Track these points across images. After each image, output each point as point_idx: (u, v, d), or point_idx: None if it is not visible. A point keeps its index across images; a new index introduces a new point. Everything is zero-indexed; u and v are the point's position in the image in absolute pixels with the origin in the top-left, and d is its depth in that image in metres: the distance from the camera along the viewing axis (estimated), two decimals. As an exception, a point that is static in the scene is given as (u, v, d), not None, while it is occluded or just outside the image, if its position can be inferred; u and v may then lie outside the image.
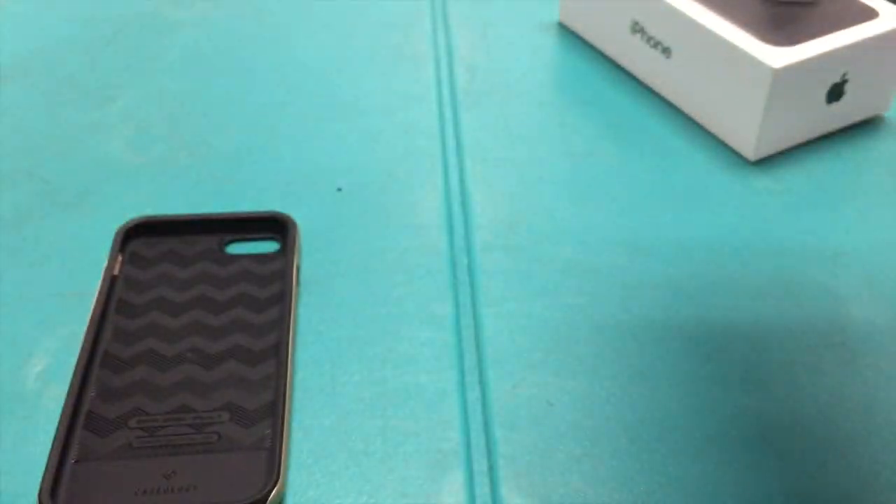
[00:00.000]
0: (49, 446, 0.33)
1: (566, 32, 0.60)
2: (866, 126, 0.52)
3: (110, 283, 0.40)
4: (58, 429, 0.34)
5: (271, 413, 0.35)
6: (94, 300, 0.39)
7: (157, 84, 0.56)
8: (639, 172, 0.48)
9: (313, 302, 0.41)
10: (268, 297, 0.40)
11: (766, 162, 0.49)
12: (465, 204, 0.47)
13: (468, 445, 0.35)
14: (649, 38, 0.52)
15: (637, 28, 0.53)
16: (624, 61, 0.56)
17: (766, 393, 0.37)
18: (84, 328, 0.38)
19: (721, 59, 0.47)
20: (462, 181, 0.48)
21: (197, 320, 0.39)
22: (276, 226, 0.43)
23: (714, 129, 0.51)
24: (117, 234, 0.42)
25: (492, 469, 0.34)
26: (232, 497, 0.32)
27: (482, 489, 0.34)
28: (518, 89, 0.55)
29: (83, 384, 0.36)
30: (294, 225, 0.43)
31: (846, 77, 0.47)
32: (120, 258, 0.41)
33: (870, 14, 0.48)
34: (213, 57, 0.58)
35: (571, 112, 0.53)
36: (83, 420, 0.34)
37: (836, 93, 0.48)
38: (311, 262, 0.43)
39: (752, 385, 0.37)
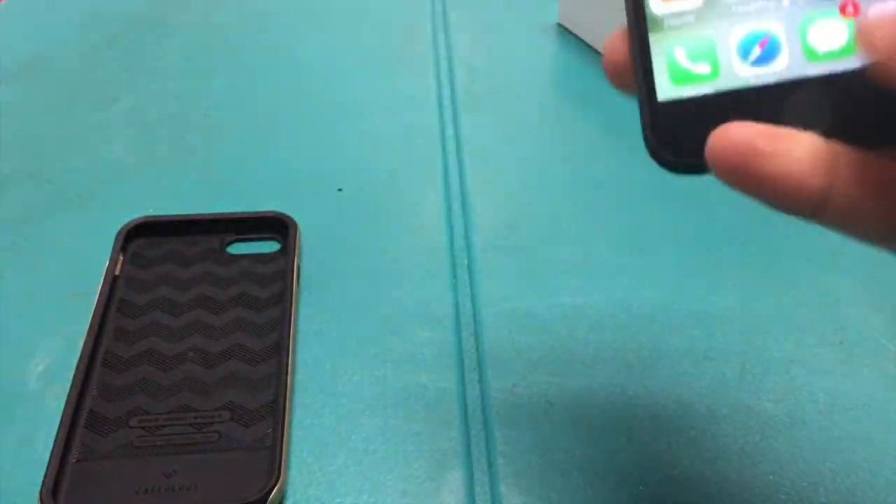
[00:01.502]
0: (51, 445, 0.33)
1: (565, 34, 0.61)
2: (865, 127, 0.52)
3: (112, 283, 0.40)
4: (59, 428, 0.34)
5: (272, 412, 0.35)
6: (95, 300, 0.39)
7: (159, 85, 0.56)
8: (638, 173, 0.48)
9: (313, 302, 0.41)
10: (268, 297, 0.40)
11: (765, 162, 0.49)
12: (465, 204, 0.47)
13: (468, 444, 0.35)
14: (649, 39, 0.52)
15: (636, 29, 0.53)
16: (623, 62, 0.56)
17: (765, 392, 0.37)
18: (85, 328, 0.38)
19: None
20: (462, 181, 0.48)
21: (198, 320, 0.39)
22: (277, 226, 0.43)
23: (713, 130, 0.50)
24: (118, 234, 0.42)
25: (491, 468, 0.34)
26: (233, 496, 0.32)
27: (482, 488, 0.34)
28: (518, 90, 0.55)
29: (84, 384, 0.36)
30: (295, 225, 0.43)
31: (845, 78, 0.47)
32: (121, 258, 0.42)
33: (869, 15, 0.48)
34: (213, 58, 0.58)
35: (571, 112, 0.53)
36: (84, 419, 0.35)
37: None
38: (311, 262, 0.43)
39: (750, 384, 0.37)
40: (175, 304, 0.40)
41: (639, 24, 0.24)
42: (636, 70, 0.24)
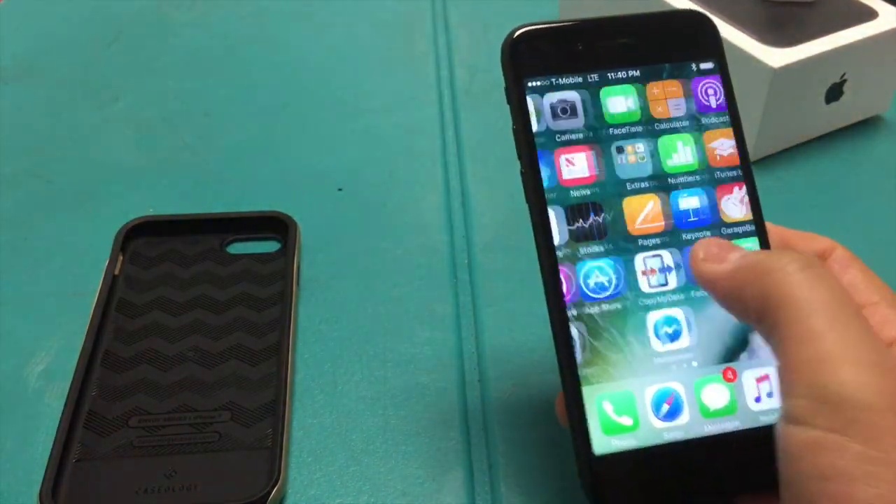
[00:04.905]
0: (50, 445, 0.33)
1: (566, 33, 0.60)
2: (865, 126, 0.52)
3: (111, 282, 0.40)
4: (59, 428, 0.34)
5: (272, 412, 0.35)
6: (95, 300, 0.39)
7: (159, 84, 0.56)
8: (638, 172, 0.48)
9: (313, 302, 0.41)
10: (268, 297, 0.40)
11: (765, 162, 0.49)
12: (465, 204, 0.47)
13: (468, 444, 0.35)
14: (649, 39, 0.52)
15: (637, 28, 0.53)
16: (624, 62, 0.56)
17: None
18: (85, 328, 0.38)
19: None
20: (462, 181, 0.48)
21: (198, 320, 0.39)
22: (277, 225, 0.43)
23: (714, 130, 0.51)
24: (118, 233, 0.42)
25: (492, 468, 0.34)
26: (232, 496, 0.32)
27: (482, 488, 0.34)
28: (518, 90, 0.55)
29: (84, 383, 0.36)
30: (295, 225, 0.43)
31: (845, 77, 0.48)
32: (121, 258, 0.42)
33: (869, 14, 0.48)
34: (214, 57, 0.58)
35: (571, 112, 0.53)
36: (84, 419, 0.35)
37: (835, 93, 0.48)
38: (311, 262, 0.43)
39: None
40: (175, 303, 0.40)
41: (573, 381, 0.28)
42: (572, 424, 0.28)
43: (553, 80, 0.29)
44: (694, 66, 0.30)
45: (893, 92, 0.51)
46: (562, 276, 0.28)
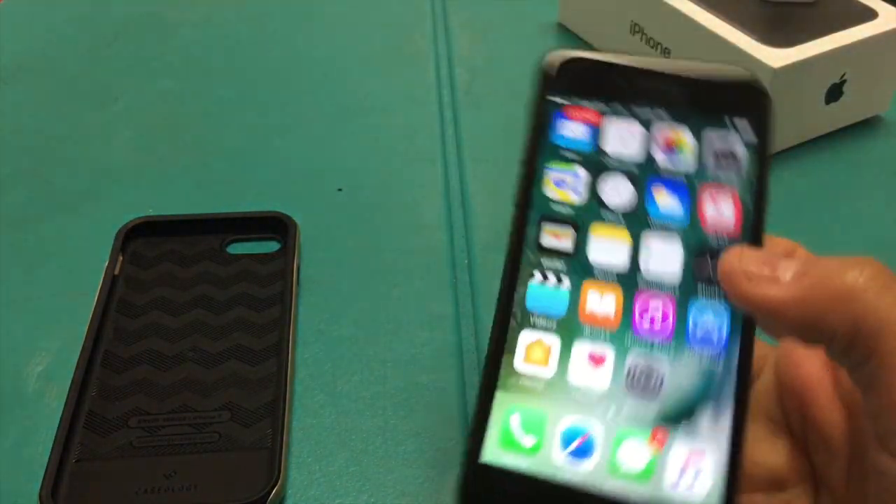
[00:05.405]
0: (50, 445, 0.33)
1: (566, 33, 0.61)
2: (865, 126, 0.52)
3: (111, 282, 0.40)
4: (59, 428, 0.34)
5: (271, 412, 0.35)
6: (95, 300, 0.39)
7: (159, 85, 0.56)
8: (638, 173, 0.48)
9: (313, 302, 0.41)
10: (268, 297, 0.40)
11: (765, 162, 0.49)
12: (465, 204, 0.47)
13: (468, 445, 0.35)
14: (649, 39, 0.52)
15: (636, 29, 0.53)
16: (623, 62, 0.56)
17: (766, 392, 0.37)
18: (85, 328, 0.38)
19: (720, 60, 0.47)
20: (462, 181, 0.48)
21: (197, 320, 0.39)
22: (277, 226, 0.43)
23: (713, 130, 0.51)
24: (118, 233, 0.42)
25: (491, 468, 0.34)
26: (232, 496, 0.32)
27: (482, 488, 0.34)
28: (518, 90, 0.55)
29: (84, 384, 0.36)
30: (295, 225, 0.43)
31: (845, 77, 0.48)
32: (121, 258, 0.42)
33: (869, 14, 0.48)
34: (213, 58, 0.58)
35: (571, 112, 0.53)
36: (84, 419, 0.35)
37: (834, 93, 0.48)
38: (311, 262, 0.43)
39: (751, 384, 0.37)
40: (175, 303, 0.40)
41: (490, 380, 0.26)
42: (473, 422, 0.25)
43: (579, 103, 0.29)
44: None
45: (893, 92, 0.51)
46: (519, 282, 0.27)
